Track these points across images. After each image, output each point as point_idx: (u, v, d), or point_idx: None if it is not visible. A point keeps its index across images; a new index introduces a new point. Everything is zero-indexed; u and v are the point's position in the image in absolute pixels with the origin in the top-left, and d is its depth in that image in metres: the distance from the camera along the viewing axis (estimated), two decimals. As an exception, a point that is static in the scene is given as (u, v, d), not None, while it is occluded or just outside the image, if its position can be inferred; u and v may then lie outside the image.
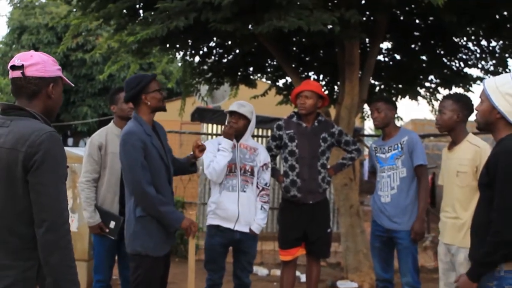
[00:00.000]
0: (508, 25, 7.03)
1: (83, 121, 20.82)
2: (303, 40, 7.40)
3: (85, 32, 15.95)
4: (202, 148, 4.60)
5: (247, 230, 5.00)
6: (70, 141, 27.09)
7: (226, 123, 5.11)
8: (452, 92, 6.65)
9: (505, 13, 6.93)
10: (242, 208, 4.96)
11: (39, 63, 2.66)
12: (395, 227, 5.05)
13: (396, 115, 6.23)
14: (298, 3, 5.32)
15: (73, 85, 2.95)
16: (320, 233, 5.47)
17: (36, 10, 21.49)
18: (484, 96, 3.28)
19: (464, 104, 4.45)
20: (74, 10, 7.30)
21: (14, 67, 2.64)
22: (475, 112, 3.46)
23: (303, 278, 7.09)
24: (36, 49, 20.79)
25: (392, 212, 5.06)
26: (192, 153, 4.61)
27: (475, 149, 4.30)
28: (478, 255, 3.17)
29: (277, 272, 7.58)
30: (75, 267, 2.54)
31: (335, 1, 5.63)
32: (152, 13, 5.56)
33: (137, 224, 4.15)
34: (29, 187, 2.48)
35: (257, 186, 5.10)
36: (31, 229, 2.50)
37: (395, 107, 5.28)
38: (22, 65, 2.63)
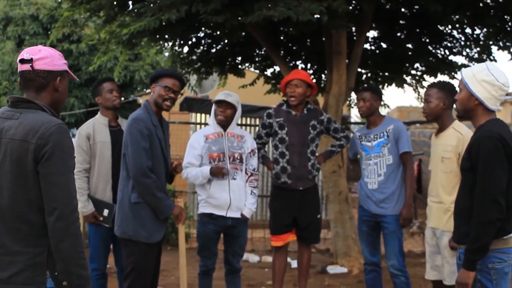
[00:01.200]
0: (491, 13, 7.15)
1: (70, 112, 20.78)
2: (291, 29, 7.49)
3: (71, 22, 15.88)
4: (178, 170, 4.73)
5: (238, 216, 5.11)
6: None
7: (212, 112, 5.19)
8: (436, 80, 6.77)
9: (488, 0, 7.07)
10: (234, 195, 5.06)
11: (47, 57, 2.74)
12: (382, 212, 5.19)
13: (382, 104, 6.29)
14: (287, -7, 5.42)
15: (77, 79, 3.04)
16: (311, 219, 5.58)
17: (21, 1, 21.33)
18: (462, 84, 3.43)
19: (449, 91, 4.57)
20: (59, 0, 7.34)
21: (23, 61, 2.72)
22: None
23: (294, 264, 7.21)
24: (22, 41, 20.72)
25: (379, 198, 5.19)
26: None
27: (458, 136, 4.43)
28: (467, 243, 3.27)
29: (268, 258, 7.70)
30: (84, 252, 2.64)
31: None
32: (145, 2, 5.63)
33: (131, 209, 4.28)
34: (39, 177, 2.57)
35: (245, 172, 5.21)
36: (41, 217, 2.60)
37: (381, 97, 5.40)
38: (31, 58, 2.71)
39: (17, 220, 2.61)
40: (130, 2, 6.67)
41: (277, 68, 8.90)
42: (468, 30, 8.04)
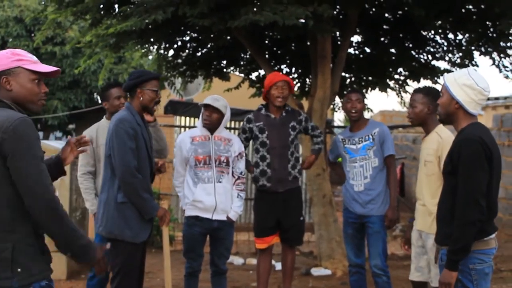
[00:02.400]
0: (473, 18, 7.27)
1: (53, 114, 20.66)
2: (276, 34, 7.54)
3: (55, 25, 15.84)
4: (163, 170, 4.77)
5: (224, 218, 5.15)
6: (40, 134, 26.83)
7: (200, 116, 5.24)
8: (421, 85, 6.87)
9: (470, 6, 7.18)
10: (219, 198, 5.10)
11: None
12: (368, 212, 5.26)
13: (365, 107, 6.25)
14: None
15: (43, 70, 2.86)
16: (293, 221, 5.63)
17: (5, 2, 21.21)
18: (444, 88, 3.53)
19: (434, 96, 4.65)
20: (43, 2, 7.34)
21: None
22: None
23: (278, 266, 7.25)
24: (5, 42, 20.57)
25: (365, 199, 5.26)
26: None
27: (438, 140, 4.51)
28: (449, 244, 3.34)
29: (253, 261, 7.75)
30: (74, 224, 2.76)
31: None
32: (131, 6, 5.68)
33: (117, 209, 4.29)
34: (11, 172, 2.59)
35: (232, 175, 5.25)
36: (9, 213, 2.62)
37: (364, 98, 5.47)
38: None
39: None
40: (116, 6, 6.69)
41: (262, 72, 8.95)
42: (450, 36, 8.17)
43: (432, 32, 8.11)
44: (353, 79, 9.26)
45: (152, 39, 7.30)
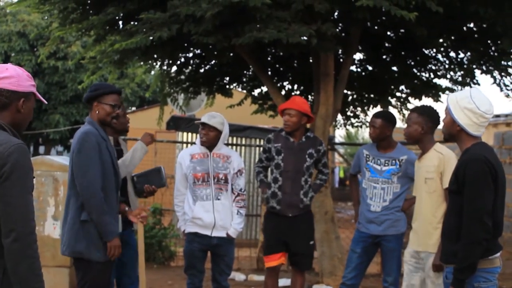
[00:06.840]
0: (475, 37, 7.32)
1: (55, 129, 20.73)
2: (279, 51, 7.58)
3: (58, 40, 15.95)
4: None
5: (224, 235, 5.16)
6: (41, 149, 26.91)
7: (199, 133, 5.23)
8: (422, 103, 6.89)
9: (472, 25, 7.24)
10: (218, 215, 5.11)
11: (13, 77, 2.67)
12: (383, 232, 5.21)
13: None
14: (277, 16, 5.52)
15: (45, 102, 2.93)
16: (302, 245, 5.57)
17: (8, 17, 21.37)
18: (447, 110, 3.55)
19: (428, 116, 4.66)
20: (46, 18, 7.40)
21: None
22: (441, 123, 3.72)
23: (281, 282, 7.25)
24: (8, 57, 20.70)
25: (381, 219, 5.20)
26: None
27: (439, 156, 4.53)
28: (456, 263, 3.35)
29: (254, 277, 7.74)
30: (42, 275, 2.58)
31: (312, 15, 5.85)
32: (136, 23, 5.72)
33: (82, 228, 4.16)
34: None
35: (232, 192, 5.26)
36: None
37: (393, 123, 5.33)
38: None
39: None
40: (120, 22, 6.75)
41: (264, 89, 9.00)
42: (452, 54, 8.22)
43: (434, 50, 8.16)
44: (355, 96, 9.30)
45: (155, 56, 7.35)
